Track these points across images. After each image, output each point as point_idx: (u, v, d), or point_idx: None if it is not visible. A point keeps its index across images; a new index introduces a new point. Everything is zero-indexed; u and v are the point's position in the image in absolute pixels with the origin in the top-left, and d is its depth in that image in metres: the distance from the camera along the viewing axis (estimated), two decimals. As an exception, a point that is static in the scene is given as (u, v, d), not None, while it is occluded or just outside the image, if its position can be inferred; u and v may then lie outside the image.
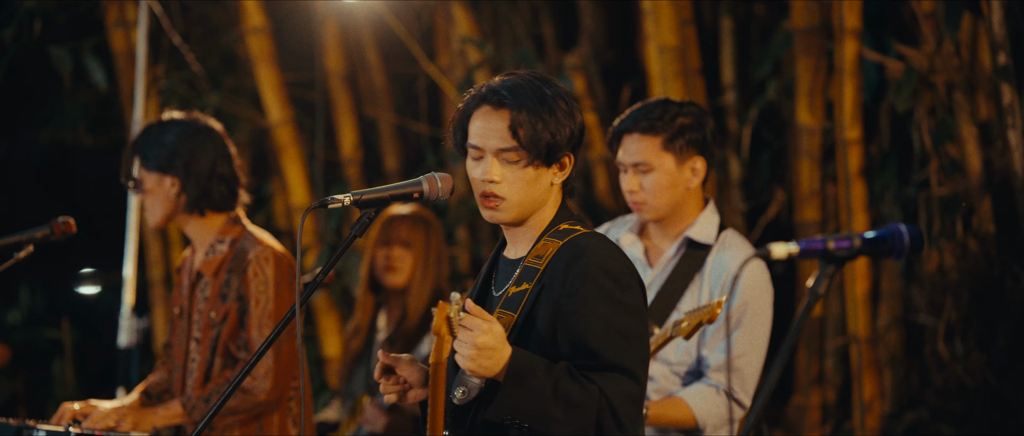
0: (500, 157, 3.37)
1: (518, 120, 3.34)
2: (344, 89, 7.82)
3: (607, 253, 3.36)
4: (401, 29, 7.50)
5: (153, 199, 4.72)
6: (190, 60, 7.52)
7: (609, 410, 3.23)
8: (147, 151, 4.70)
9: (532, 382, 3.20)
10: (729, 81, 7.37)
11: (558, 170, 3.42)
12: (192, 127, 4.73)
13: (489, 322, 3.19)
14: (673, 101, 4.58)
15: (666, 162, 4.48)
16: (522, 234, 3.46)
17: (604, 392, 3.23)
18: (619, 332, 3.29)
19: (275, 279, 4.61)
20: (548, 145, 3.35)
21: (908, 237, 2.68)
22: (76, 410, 4.55)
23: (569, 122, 3.39)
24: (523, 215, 3.42)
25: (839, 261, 2.69)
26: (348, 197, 3.34)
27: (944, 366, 6.39)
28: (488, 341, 3.17)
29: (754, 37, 7.54)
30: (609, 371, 3.26)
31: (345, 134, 7.82)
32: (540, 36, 7.69)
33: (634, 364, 3.29)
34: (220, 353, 4.63)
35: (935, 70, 6.24)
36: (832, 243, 2.69)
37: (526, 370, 3.20)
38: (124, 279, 6.85)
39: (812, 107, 6.59)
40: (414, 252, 5.91)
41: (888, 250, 2.69)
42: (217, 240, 4.71)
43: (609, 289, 3.30)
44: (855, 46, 6.31)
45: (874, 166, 6.70)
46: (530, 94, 3.36)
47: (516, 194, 3.38)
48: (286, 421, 4.66)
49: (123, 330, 6.85)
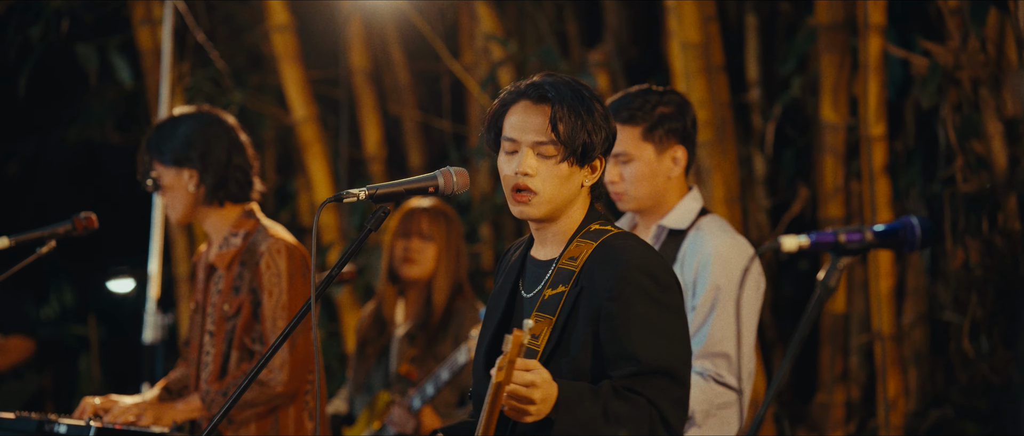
0: (536, 150, 3.38)
1: (558, 114, 3.36)
2: (368, 86, 7.84)
3: (644, 254, 3.38)
4: (425, 27, 7.51)
5: (173, 195, 4.73)
6: (214, 57, 7.54)
7: (659, 419, 3.26)
8: (161, 147, 4.71)
9: (581, 412, 3.22)
10: (754, 78, 7.35)
11: (590, 172, 3.43)
12: (204, 119, 4.75)
13: (535, 370, 3.19)
14: (654, 90, 4.51)
15: (646, 152, 4.42)
16: (552, 235, 3.46)
17: (652, 402, 3.26)
18: (661, 333, 3.31)
19: (288, 271, 4.61)
20: (584, 144, 3.36)
21: (920, 229, 2.66)
22: (97, 404, 4.56)
23: (604, 125, 3.41)
24: (553, 213, 3.42)
25: (851, 254, 2.67)
26: (363, 191, 3.34)
27: (969, 363, 6.36)
28: (543, 394, 3.19)
29: (779, 34, 7.52)
30: (652, 375, 3.28)
31: (369, 131, 7.84)
32: (564, 33, 7.69)
33: (676, 366, 3.31)
34: (236, 346, 4.64)
35: (961, 66, 6.20)
36: (843, 236, 2.67)
37: (574, 401, 3.22)
38: (149, 275, 6.88)
39: (836, 103, 6.56)
40: (437, 246, 5.91)
41: (900, 243, 2.66)
42: (231, 233, 4.72)
43: (650, 291, 3.32)
44: (880, 42, 6.28)
45: (899, 163, 6.67)
46: (570, 92, 3.38)
47: (549, 190, 3.38)
48: (302, 415, 4.66)
49: (148, 326, 6.88)
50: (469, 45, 7.74)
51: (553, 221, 3.45)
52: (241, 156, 4.76)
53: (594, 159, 3.41)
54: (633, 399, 3.25)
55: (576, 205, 3.44)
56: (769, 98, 7.30)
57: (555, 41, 7.49)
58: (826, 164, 6.62)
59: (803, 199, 7.09)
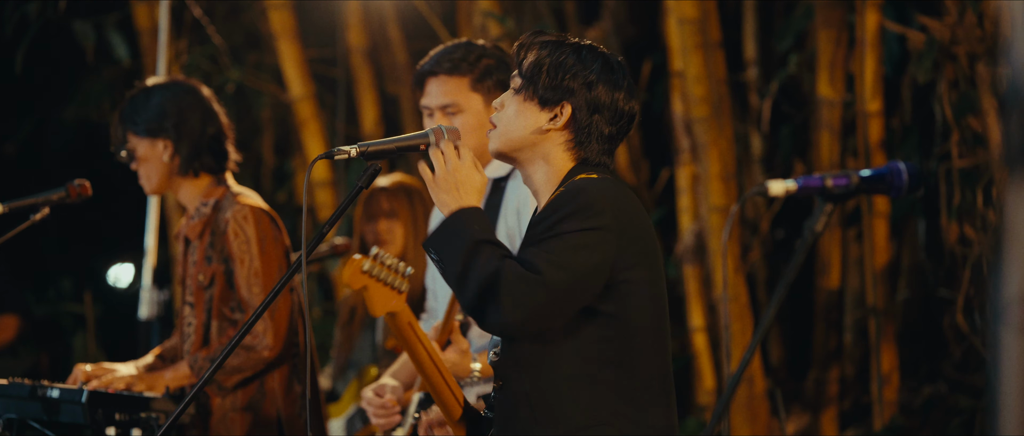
0: (513, 85, 3.43)
1: (525, 50, 3.40)
2: (366, 65, 7.84)
3: (598, 188, 3.31)
4: (423, 5, 7.51)
5: (147, 166, 4.72)
6: (211, 33, 7.55)
7: (492, 288, 3.19)
8: (135, 117, 4.69)
9: (458, 227, 3.27)
10: (751, 57, 7.35)
11: (549, 118, 3.37)
12: (177, 89, 4.73)
13: (473, 164, 3.35)
14: (475, 43, 4.48)
15: (474, 102, 4.39)
16: (538, 186, 3.43)
17: (499, 272, 3.20)
18: (557, 236, 3.25)
19: (257, 237, 4.59)
20: (541, 82, 3.35)
21: (907, 174, 2.66)
22: (88, 371, 4.57)
23: (578, 75, 3.36)
24: (512, 148, 3.40)
25: (836, 199, 2.67)
26: (355, 148, 3.34)
27: (963, 339, 6.37)
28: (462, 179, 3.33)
29: (776, 12, 7.52)
30: (523, 261, 3.24)
31: (366, 110, 7.84)
32: (561, 11, 7.69)
33: (548, 265, 3.21)
34: (215, 316, 4.63)
35: (957, 41, 6.21)
36: (830, 180, 2.67)
37: (468, 219, 3.28)
38: (145, 251, 6.89)
39: (833, 80, 6.56)
40: (402, 222, 5.89)
41: (886, 188, 2.66)
42: (202, 203, 4.71)
43: (574, 209, 3.25)
44: (876, 18, 6.28)
45: (895, 139, 6.68)
46: (550, 40, 3.40)
47: (504, 120, 3.41)
48: (290, 379, 4.66)
49: (144, 302, 6.88)
50: (467, 24, 7.74)
51: (527, 169, 3.43)
52: (215, 126, 4.74)
53: (555, 104, 3.37)
54: (497, 259, 3.23)
55: (549, 155, 3.39)
56: (766, 76, 7.31)
57: (553, 19, 7.48)
58: (823, 140, 6.62)
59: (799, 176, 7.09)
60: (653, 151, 7.52)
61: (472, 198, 3.33)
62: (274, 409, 4.64)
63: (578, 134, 3.38)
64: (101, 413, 4.26)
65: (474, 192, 3.34)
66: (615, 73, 3.40)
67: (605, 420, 3.30)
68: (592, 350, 3.30)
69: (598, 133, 3.38)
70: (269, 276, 4.57)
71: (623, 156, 7.23)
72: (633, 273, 3.32)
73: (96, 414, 4.25)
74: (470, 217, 3.29)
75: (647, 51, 7.47)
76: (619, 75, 3.40)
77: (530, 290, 3.18)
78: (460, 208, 3.30)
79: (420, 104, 4.49)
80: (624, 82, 3.41)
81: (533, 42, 3.42)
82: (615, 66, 3.41)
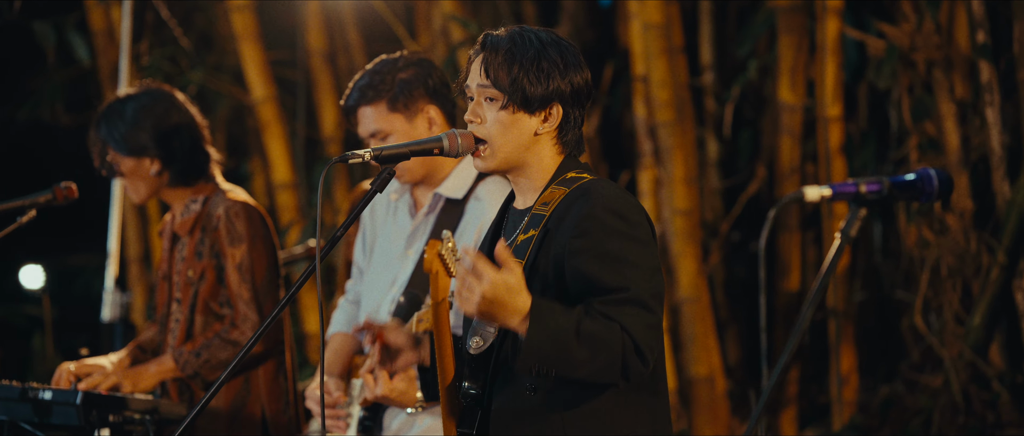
0: (482, 95, 3.42)
1: (490, 59, 3.40)
2: (325, 68, 7.85)
3: (614, 194, 3.36)
4: (383, 7, 7.54)
5: (134, 180, 4.73)
6: (178, 35, 7.53)
7: (632, 344, 3.22)
8: (114, 134, 4.69)
9: (554, 327, 3.18)
10: (708, 62, 7.47)
11: (542, 120, 3.42)
12: (152, 99, 4.73)
13: (507, 270, 3.16)
14: (389, 58, 4.49)
15: (396, 123, 4.42)
16: (527, 185, 3.48)
17: (625, 327, 3.21)
18: (631, 264, 3.28)
19: (248, 233, 4.64)
20: (523, 89, 3.37)
21: (937, 180, 2.76)
22: (72, 370, 4.57)
23: (557, 72, 3.40)
24: (508, 163, 3.44)
25: (870, 204, 2.76)
26: (368, 153, 3.38)
27: (921, 339, 6.51)
28: (497, 294, 3.14)
29: (730, 18, 7.65)
30: (624, 305, 3.24)
31: (326, 113, 7.85)
32: (521, 15, 7.76)
33: (647, 295, 3.26)
34: (200, 310, 4.66)
35: (916, 48, 6.36)
36: (863, 186, 2.76)
37: (546, 315, 3.19)
38: (108, 254, 6.87)
39: (794, 85, 6.69)
40: None
41: (917, 193, 2.75)
42: (191, 200, 4.74)
43: (618, 226, 3.30)
44: (837, 24, 6.42)
45: (853, 143, 6.81)
46: (509, 39, 3.42)
47: (495, 137, 3.41)
48: (276, 376, 4.70)
49: (107, 304, 6.86)
50: (426, 27, 7.78)
51: (519, 172, 3.46)
52: (196, 131, 4.77)
53: (544, 107, 3.41)
54: (607, 322, 3.21)
55: (541, 154, 3.45)
56: (723, 81, 7.42)
57: (513, 21, 7.52)
58: (784, 145, 6.74)
59: (760, 179, 7.22)
60: (612, 154, 7.61)
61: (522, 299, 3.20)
62: (259, 405, 4.68)
63: (562, 127, 3.45)
64: (95, 414, 4.27)
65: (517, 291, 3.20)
66: (574, 54, 3.46)
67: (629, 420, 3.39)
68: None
69: (576, 121, 3.47)
70: (259, 272, 4.61)
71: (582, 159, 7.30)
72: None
73: (90, 415, 4.25)
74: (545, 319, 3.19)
75: (606, 55, 7.56)
76: (576, 55, 3.46)
77: (655, 333, 3.27)
78: (526, 323, 3.19)
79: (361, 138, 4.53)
80: (581, 58, 3.47)
81: (495, 48, 3.42)
82: (568, 47, 3.46)
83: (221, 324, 4.63)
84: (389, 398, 4.12)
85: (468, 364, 3.45)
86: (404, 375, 4.12)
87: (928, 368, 6.53)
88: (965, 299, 6.34)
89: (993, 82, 6.11)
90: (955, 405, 6.24)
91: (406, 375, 4.12)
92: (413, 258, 4.51)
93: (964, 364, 6.22)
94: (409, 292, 4.39)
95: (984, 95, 6.12)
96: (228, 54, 7.99)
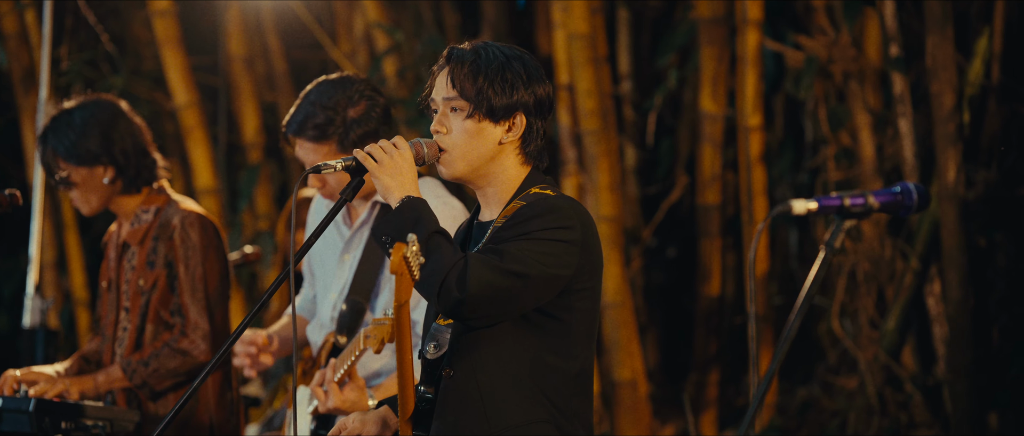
0: (447, 106, 3.52)
1: (455, 70, 3.51)
2: (246, 73, 7.86)
3: (565, 203, 3.49)
4: (305, 14, 7.57)
5: (86, 191, 4.74)
6: (105, 41, 7.49)
7: (461, 270, 3.33)
8: (63, 144, 4.69)
9: (420, 214, 3.36)
10: (626, 71, 7.61)
11: (507, 130, 3.52)
12: (98, 109, 4.74)
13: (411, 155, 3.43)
14: (340, 86, 4.40)
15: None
16: (491, 197, 3.58)
17: (468, 258, 3.35)
18: (534, 240, 3.40)
19: (201, 243, 4.69)
20: (488, 100, 3.48)
21: (916, 195, 2.93)
22: (18, 376, 4.55)
23: (521, 84, 3.50)
24: (471, 171, 3.54)
25: (854, 217, 2.91)
26: (340, 163, 3.46)
27: (837, 343, 6.71)
28: (398, 164, 3.41)
29: (646, 28, 7.81)
30: (487, 252, 3.40)
31: (247, 118, 7.86)
32: (442, 24, 7.83)
33: (519, 258, 3.37)
34: (151, 319, 4.69)
35: (833, 60, 6.56)
36: (848, 200, 2.92)
37: (421, 205, 3.38)
38: (29, 259, 6.81)
39: (715, 95, 6.85)
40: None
41: (898, 207, 2.93)
42: (142, 210, 4.77)
43: (545, 218, 3.42)
44: (757, 36, 6.58)
45: (772, 152, 6.99)
46: (474, 52, 3.52)
47: (459, 145, 3.51)
48: (223, 386, 4.75)
49: (27, 310, 6.79)
50: (346, 34, 7.83)
51: (485, 183, 3.56)
52: (142, 138, 4.81)
53: (508, 116, 3.51)
54: (457, 249, 3.36)
55: (505, 164, 3.55)
56: (642, 91, 7.57)
57: (437, 31, 7.62)
58: (705, 153, 6.90)
59: (682, 186, 7.37)
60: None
61: (414, 186, 3.44)
62: (207, 415, 4.71)
63: (525, 138, 3.56)
64: (48, 421, 4.26)
65: (414, 179, 3.45)
66: (536, 68, 3.57)
67: (544, 418, 3.49)
68: (538, 352, 3.49)
69: (539, 132, 3.58)
70: (212, 282, 4.66)
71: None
72: (588, 282, 3.53)
73: (43, 422, 4.25)
74: (421, 206, 3.40)
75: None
76: (538, 68, 3.57)
77: (494, 272, 3.35)
78: (408, 196, 3.41)
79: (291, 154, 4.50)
80: (543, 72, 3.59)
81: (461, 60, 3.53)
82: (530, 61, 3.56)
83: (170, 333, 4.66)
84: (341, 410, 4.19)
85: (424, 369, 3.55)
86: (354, 385, 4.20)
87: (844, 371, 6.72)
88: (880, 304, 6.55)
89: (905, 94, 6.32)
90: (870, 406, 6.43)
91: (356, 385, 4.20)
92: (349, 264, 4.56)
93: (879, 367, 6.42)
94: (351, 300, 4.46)
95: (897, 106, 6.33)
96: (145, 59, 7.96)
